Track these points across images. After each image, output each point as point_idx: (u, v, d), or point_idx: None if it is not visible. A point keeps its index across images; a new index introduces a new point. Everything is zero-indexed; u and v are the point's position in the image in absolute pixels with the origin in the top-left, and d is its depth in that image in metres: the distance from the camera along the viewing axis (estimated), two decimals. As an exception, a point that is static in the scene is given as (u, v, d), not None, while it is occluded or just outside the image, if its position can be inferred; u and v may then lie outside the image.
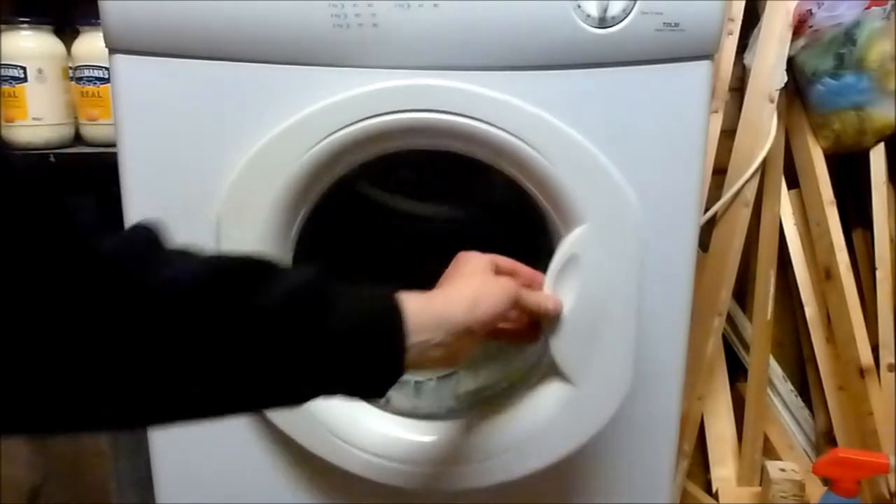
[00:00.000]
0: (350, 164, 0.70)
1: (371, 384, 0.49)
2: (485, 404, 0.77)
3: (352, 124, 0.65)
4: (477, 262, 0.60)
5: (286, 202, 0.68)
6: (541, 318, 0.67)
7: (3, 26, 1.04)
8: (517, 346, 0.81)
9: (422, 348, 0.50)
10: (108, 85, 0.90)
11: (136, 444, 1.03)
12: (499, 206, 0.90)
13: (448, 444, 0.72)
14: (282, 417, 0.73)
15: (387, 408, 0.77)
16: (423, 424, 0.74)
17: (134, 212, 0.71)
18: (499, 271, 0.62)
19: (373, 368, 0.48)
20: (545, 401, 0.71)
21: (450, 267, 0.61)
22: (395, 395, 0.81)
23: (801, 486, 1.06)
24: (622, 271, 0.68)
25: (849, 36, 1.07)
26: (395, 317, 0.49)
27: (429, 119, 0.65)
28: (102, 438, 1.05)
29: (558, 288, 0.67)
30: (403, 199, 0.93)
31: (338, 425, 0.72)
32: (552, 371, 0.70)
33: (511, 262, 0.64)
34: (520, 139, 0.66)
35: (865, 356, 1.11)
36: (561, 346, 0.68)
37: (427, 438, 0.72)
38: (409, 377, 0.86)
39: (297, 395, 0.47)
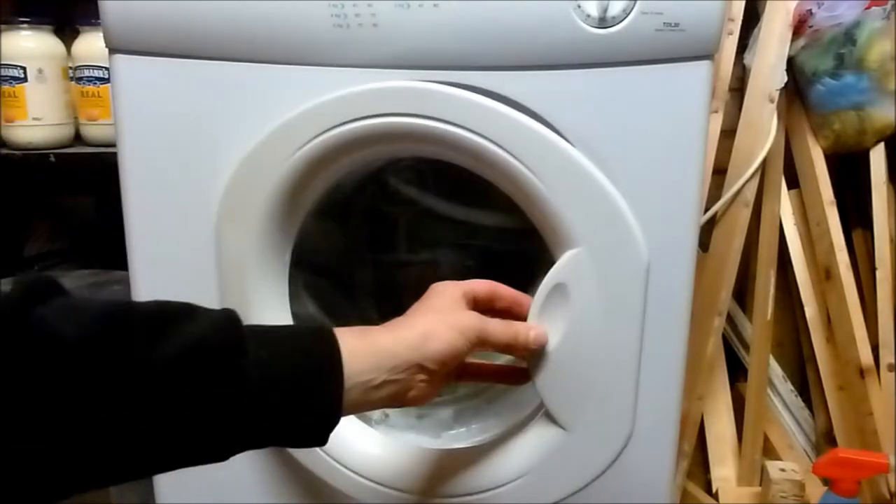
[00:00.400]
0: (351, 165, 0.69)
1: (305, 433, 0.45)
2: (481, 430, 0.74)
3: (337, 126, 0.64)
4: (446, 296, 0.57)
5: (280, 202, 0.67)
6: (523, 352, 0.62)
7: (3, 26, 1.04)
8: (508, 386, 0.76)
9: (362, 389, 0.47)
10: (108, 85, 0.90)
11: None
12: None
13: (435, 474, 0.69)
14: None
15: (385, 421, 0.76)
16: (416, 450, 0.71)
17: (134, 212, 0.71)
18: (477, 299, 0.59)
19: (305, 416, 0.44)
20: (534, 445, 0.67)
21: (420, 300, 0.58)
22: (393, 412, 0.80)
23: (801, 486, 1.06)
24: (619, 305, 0.63)
25: (849, 36, 1.07)
26: (329, 359, 0.46)
27: (400, 123, 0.63)
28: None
29: (543, 320, 0.63)
30: (454, 205, 0.90)
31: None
32: (544, 410, 0.66)
33: (489, 285, 0.60)
34: (503, 149, 0.62)
35: (865, 356, 1.11)
36: (548, 386, 0.63)
37: (417, 466, 0.70)
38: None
39: (217, 450, 0.43)
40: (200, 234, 0.70)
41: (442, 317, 0.54)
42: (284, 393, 0.43)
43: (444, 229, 0.92)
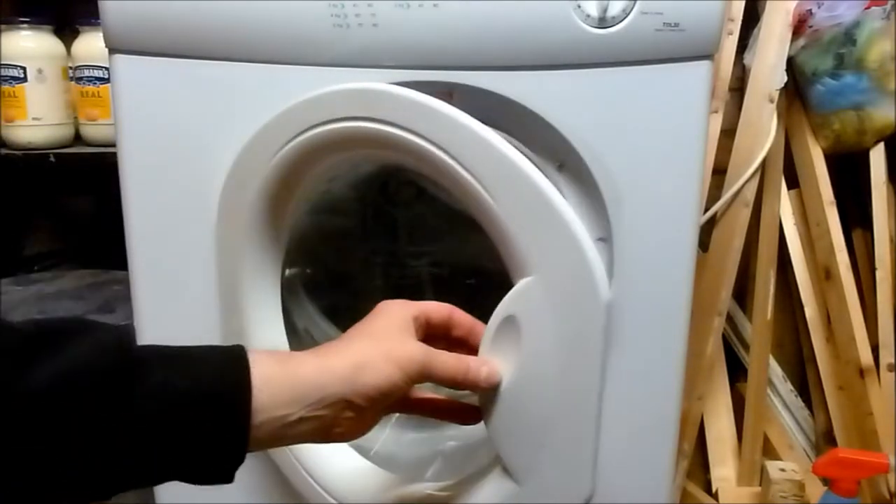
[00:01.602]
0: (337, 164, 0.69)
1: (205, 469, 0.41)
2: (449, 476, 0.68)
3: (319, 125, 0.63)
4: (392, 318, 0.51)
5: (265, 202, 0.67)
6: (473, 390, 0.56)
7: (3, 26, 1.04)
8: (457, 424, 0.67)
9: (277, 425, 0.42)
10: (108, 85, 0.90)
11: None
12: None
13: None
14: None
15: (368, 454, 0.73)
16: (382, 479, 0.67)
17: (134, 212, 0.71)
18: (430, 323, 0.53)
19: (204, 451, 0.40)
20: (487, 499, 0.61)
21: (366, 318, 0.53)
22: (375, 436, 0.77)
23: (801, 486, 1.06)
24: (576, 345, 0.57)
25: (849, 36, 1.07)
26: (236, 388, 0.41)
27: (357, 128, 0.62)
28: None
29: (495, 355, 0.56)
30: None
31: (309, 461, 0.69)
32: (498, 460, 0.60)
33: (447, 310, 0.55)
34: (460, 164, 0.57)
35: (865, 356, 1.11)
36: (499, 431, 0.56)
37: (381, 495, 0.65)
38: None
39: (99, 488, 0.38)
40: (200, 234, 0.70)
41: (381, 345, 0.48)
42: (180, 425, 0.38)
43: (446, 228, 0.92)
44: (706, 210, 1.14)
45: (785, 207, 1.19)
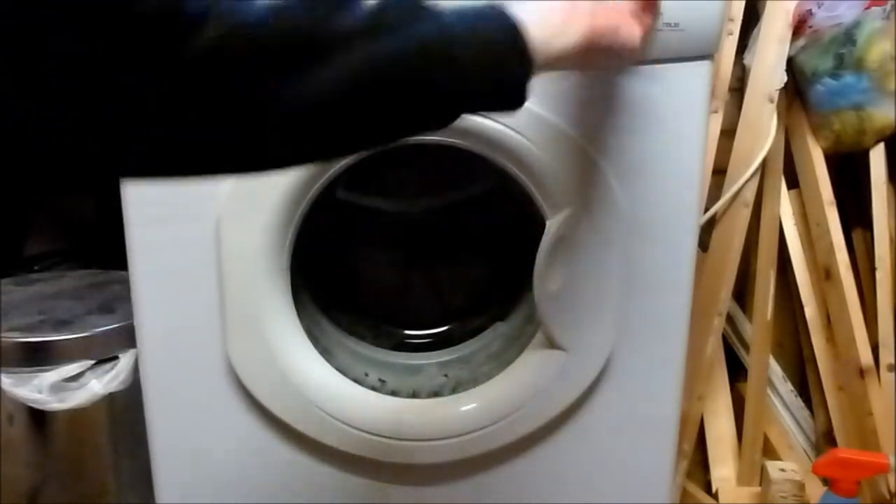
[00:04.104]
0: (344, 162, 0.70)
1: (509, 89, 0.50)
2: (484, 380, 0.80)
3: None
4: None
5: (286, 200, 0.68)
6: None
7: (3, 26, 1.04)
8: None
9: (548, 47, 0.50)
10: (108, 85, 0.90)
11: (136, 444, 1.03)
12: (469, 197, 0.92)
13: (454, 415, 0.75)
14: (286, 412, 0.74)
15: (383, 388, 0.79)
16: (424, 403, 0.78)
17: (134, 212, 0.71)
18: None
19: (507, 72, 0.49)
20: (541, 367, 0.76)
21: None
22: (391, 378, 0.82)
23: (801, 486, 1.06)
24: (606, 248, 0.72)
25: (849, 36, 1.07)
26: (518, 26, 0.49)
27: None
28: (103, 438, 1.05)
29: (549, 267, 0.71)
30: (373, 197, 0.94)
31: (343, 411, 0.75)
32: (545, 344, 0.76)
33: None
34: (517, 133, 0.67)
35: (865, 356, 1.11)
36: (553, 321, 0.73)
37: (432, 414, 0.76)
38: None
39: (449, 112, 0.48)
40: (201, 235, 0.70)
41: None
42: (489, 50, 0.47)
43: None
44: (706, 210, 1.14)
45: (785, 207, 1.19)
